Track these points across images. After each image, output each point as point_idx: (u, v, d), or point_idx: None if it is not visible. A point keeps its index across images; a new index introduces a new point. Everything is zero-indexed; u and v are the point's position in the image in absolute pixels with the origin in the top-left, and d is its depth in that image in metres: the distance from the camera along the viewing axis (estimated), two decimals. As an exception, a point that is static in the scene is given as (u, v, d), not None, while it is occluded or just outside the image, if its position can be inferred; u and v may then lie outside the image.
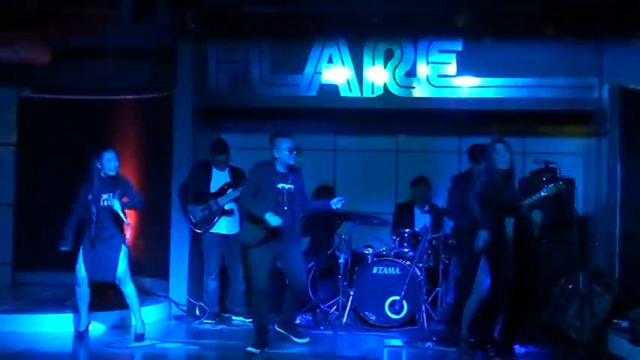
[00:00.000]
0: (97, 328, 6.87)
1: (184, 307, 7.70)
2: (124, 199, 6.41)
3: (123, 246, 6.50)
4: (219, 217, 7.38)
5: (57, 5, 7.36)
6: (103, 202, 6.35)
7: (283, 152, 6.17)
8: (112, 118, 8.55)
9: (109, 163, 6.39)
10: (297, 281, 6.28)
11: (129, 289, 6.56)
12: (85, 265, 6.46)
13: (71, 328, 6.80)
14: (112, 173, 6.41)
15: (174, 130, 7.87)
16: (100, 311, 6.90)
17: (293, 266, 6.27)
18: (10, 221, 8.77)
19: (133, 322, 6.63)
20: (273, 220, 5.99)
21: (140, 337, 6.52)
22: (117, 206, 6.31)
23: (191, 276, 7.77)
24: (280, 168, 6.22)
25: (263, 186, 6.14)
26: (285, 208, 6.11)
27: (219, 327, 7.29)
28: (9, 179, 8.80)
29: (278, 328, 6.51)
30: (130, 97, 8.52)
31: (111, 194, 6.34)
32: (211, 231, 7.43)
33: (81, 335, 6.63)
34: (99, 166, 6.38)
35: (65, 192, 6.78)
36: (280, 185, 6.10)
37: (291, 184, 6.18)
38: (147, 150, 8.41)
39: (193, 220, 7.47)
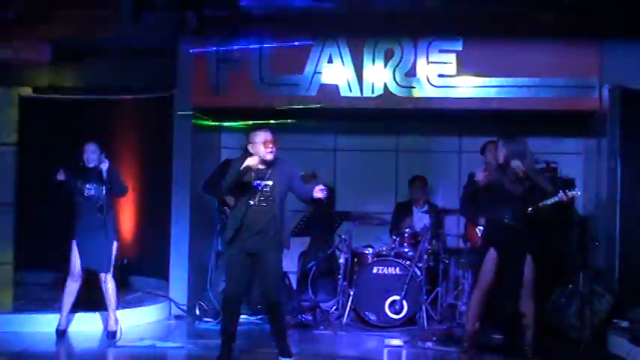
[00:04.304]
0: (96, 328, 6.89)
1: (184, 307, 7.70)
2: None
3: (115, 242, 6.55)
4: None
5: (57, 5, 7.36)
6: (88, 192, 6.47)
7: (258, 147, 5.66)
8: (111, 118, 8.55)
9: (91, 154, 6.53)
10: (268, 298, 5.76)
11: (112, 285, 6.58)
12: (80, 256, 6.50)
13: (71, 328, 6.81)
14: (92, 164, 6.52)
15: (174, 130, 7.87)
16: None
17: (265, 279, 5.75)
18: (10, 221, 8.74)
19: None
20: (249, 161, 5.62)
21: (114, 335, 6.58)
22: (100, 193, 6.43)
23: (191, 276, 7.77)
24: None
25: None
26: (264, 204, 5.66)
27: (219, 327, 7.27)
28: (9, 179, 8.76)
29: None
30: (129, 97, 8.51)
31: (95, 184, 6.45)
32: None
33: (62, 333, 6.64)
34: (82, 158, 6.56)
35: (65, 192, 6.80)
36: (255, 182, 5.66)
37: (269, 179, 5.70)
38: (147, 150, 8.40)
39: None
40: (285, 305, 6.49)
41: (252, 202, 5.67)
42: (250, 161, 5.64)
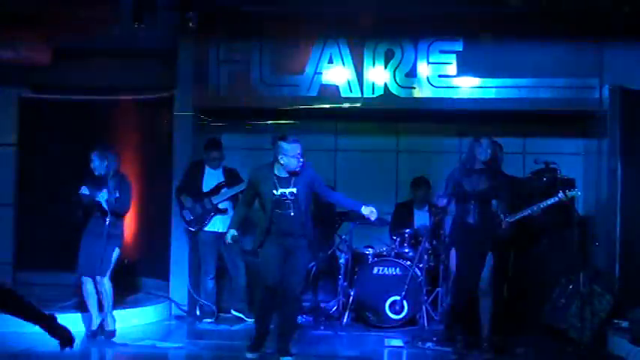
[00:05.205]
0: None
1: (185, 307, 7.71)
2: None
3: (116, 248, 6.55)
4: (213, 215, 7.40)
5: (57, 5, 7.35)
6: (98, 199, 6.46)
7: (291, 160, 5.73)
8: (112, 118, 8.54)
9: (94, 163, 6.54)
10: (288, 291, 5.85)
11: (107, 286, 6.57)
12: (80, 262, 6.52)
13: (70, 329, 6.79)
14: (98, 173, 6.53)
15: (174, 130, 7.87)
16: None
17: (289, 276, 5.84)
18: (10, 221, 8.76)
19: (97, 320, 6.70)
20: (228, 235, 6.05)
21: (111, 334, 6.59)
22: (102, 198, 6.40)
23: (191, 276, 7.77)
24: (281, 172, 5.81)
25: (261, 192, 5.87)
26: (292, 213, 5.75)
27: (219, 327, 7.30)
28: (9, 179, 8.78)
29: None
30: (130, 97, 8.51)
31: (104, 190, 6.43)
32: (207, 230, 7.45)
33: (93, 335, 6.64)
34: (90, 166, 6.56)
35: (65, 192, 6.79)
36: (279, 192, 5.75)
37: (294, 186, 5.77)
38: (147, 150, 8.40)
39: (187, 219, 7.50)
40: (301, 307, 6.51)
41: (278, 211, 5.78)
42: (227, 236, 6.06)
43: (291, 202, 5.77)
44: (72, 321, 6.86)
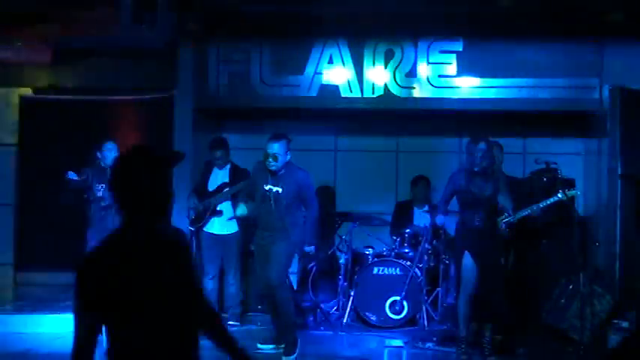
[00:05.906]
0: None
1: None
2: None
3: None
4: (210, 216, 7.39)
5: (57, 5, 7.36)
6: (97, 193, 6.43)
7: (265, 156, 6.05)
8: (112, 118, 8.54)
9: (109, 153, 6.51)
10: (269, 282, 5.99)
11: None
12: None
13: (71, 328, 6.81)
14: (104, 164, 6.59)
15: (174, 130, 7.86)
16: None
17: (269, 265, 6.02)
18: (11, 221, 8.76)
19: None
20: (238, 210, 6.36)
21: None
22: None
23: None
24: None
25: (256, 185, 6.19)
26: (272, 208, 6.02)
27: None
28: (9, 179, 8.78)
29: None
30: (130, 97, 8.51)
31: (105, 185, 6.43)
32: (206, 230, 7.44)
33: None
34: (99, 157, 6.53)
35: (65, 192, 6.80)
36: (267, 187, 6.02)
37: (280, 186, 6.01)
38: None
39: (189, 217, 7.50)
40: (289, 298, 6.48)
41: (264, 204, 6.08)
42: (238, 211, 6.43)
43: (274, 199, 6.01)
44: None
